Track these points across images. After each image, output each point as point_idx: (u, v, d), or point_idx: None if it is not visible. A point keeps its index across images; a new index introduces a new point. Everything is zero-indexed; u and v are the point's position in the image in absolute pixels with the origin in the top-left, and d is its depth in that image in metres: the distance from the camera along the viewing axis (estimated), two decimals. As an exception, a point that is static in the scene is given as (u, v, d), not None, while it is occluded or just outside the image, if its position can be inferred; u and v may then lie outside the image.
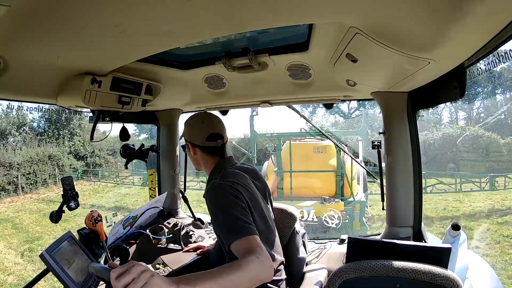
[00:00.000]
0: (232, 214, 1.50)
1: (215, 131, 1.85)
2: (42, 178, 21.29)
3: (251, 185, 1.78)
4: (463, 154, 22.10)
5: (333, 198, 8.74)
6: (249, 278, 1.23)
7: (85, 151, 25.97)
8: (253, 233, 1.45)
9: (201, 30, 1.33)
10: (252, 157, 11.72)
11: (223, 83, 2.28)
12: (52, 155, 22.99)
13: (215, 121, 1.90)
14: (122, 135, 2.48)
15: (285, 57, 1.92)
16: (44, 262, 1.52)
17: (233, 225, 1.47)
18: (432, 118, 27.45)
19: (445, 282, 1.45)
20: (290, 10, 1.15)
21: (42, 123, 27.18)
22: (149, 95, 2.21)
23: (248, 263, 1.26)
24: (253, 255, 1.30)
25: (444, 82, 1.66)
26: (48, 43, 1.31)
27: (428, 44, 1.22)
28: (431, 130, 25.23)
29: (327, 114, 32.06)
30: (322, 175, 9.05)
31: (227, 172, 1.77)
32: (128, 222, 2.32)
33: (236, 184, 1.66)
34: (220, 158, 1.88)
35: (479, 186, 15.27)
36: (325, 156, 9.21)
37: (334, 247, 2.49)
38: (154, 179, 3.17)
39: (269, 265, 1.33)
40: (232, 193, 1.60)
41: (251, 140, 11.95)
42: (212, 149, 1.86)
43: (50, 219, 1.99)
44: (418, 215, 2.16)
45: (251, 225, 1.49)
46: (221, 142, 1.86)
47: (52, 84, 1.71)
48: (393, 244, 1.66)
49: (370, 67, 1.70)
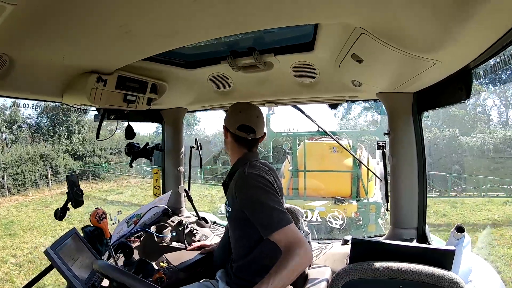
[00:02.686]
0: (267, 205, 1.57)
1: (248, 123, 1.85)
2: (32, 179, 19.60)
3: (277, 179, 1.84)
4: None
5: (347, 199, 8.55)
6: (297, 271, 1.42)
7: (84, 150, 24.01)
8: (289, 221, 1.53)
9: (206, 30, 1.33)
10: (269, 155, 11.67)
11: (228, 82, 2.28)
12: (44, 154, 21.21)
13: (253, 115, 1.89)
14: (127, 133, 2.49)
15: (290, 57, 1.91)
16: (48, 259, 1.53)
17: (270, 217, 1.54)
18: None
19: (449, 285, 1.44)
20: (295, 10, 1.15)
21: (37, 119, 25.02)
22: (154, 94, 2.22)
23: (294, 257, 1.41)
24: (296, 248, 1.44)
25: (450, 83, 1.65)
26: (54, 42, 1.32)
27: (434, 44, 1.21)
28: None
29: (364, 111, 30.01)
30: (337, 175, 8.82)
31: (255, 164, 1.79)
32: (132, 220, 2.33)
33: (265, 174, 1.71)
34: (248, 151, 1.89)
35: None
36: (341, 156, 8.94)
37: (337, 248, 2.48)
38: (158, 177, 3.18)
39: (309, 251, 1.48)
40: (263, 182, 1.65)
41: (268, 139, 11.87)
42: (241, 140, 1.87)
43: (55, 216, 2.01)
44: (423, 217, 2.15)
45: (286, 213, 1.57)
46: (252, 136, 1.85)
47: (57, 82, 1.73)
48: (396, 245, 1.65)
49: (375, 67, 1.69)
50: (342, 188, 8.79)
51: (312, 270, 2.16)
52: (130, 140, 2.55)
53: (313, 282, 2.01)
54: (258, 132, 1.87)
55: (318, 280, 2.02)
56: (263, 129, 1.92)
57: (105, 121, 2.33)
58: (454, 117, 22.28)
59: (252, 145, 1.89)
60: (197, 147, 2.96)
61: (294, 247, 1.43)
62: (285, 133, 11.75)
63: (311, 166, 9.08)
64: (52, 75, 1.65)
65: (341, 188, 8.79)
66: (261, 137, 1.91)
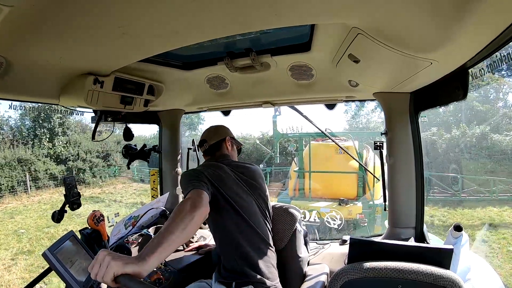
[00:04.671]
0: (189, 181, 1.75)
1: (201, 138, 2.23)
2: (9, 185, 18.01)
3: (223, 171, 1.95)
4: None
5: (352, 200, 8.45)
6: (180, 223, 1.41)
7: (67, 154, 21.93)
8: (196, 187, 1.68)
9: (204, 31, 1.33)
10: (275, 156, 11.62)
11: (226, 83, 2.28)
12: (23, 159, 19.45)
13: (206, 131, 2.25)
14: (125, 135, 2.49)
15: (287, 57, 1.92)
16: (46, 261, 1.53)
17: (187, 186, 1.71)
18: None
19: (447, 284, 1.44)
20: (293, 10, 1.15)
21: (15, 121, 22.72)
22: (151, 96, 2.22)
23: (177, 209, 1.49)
24: (183, 201, 1.55)
25: (446, 83, 1.65)
26: (50, 44, 1.32)
27: (431, 44, 1.22)
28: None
29: (378, 107, 28.50)
30: (344, 177, 8.73)
31: (206, 164, 2.06)
32: (130, 222, 2.32)
33: (203, 168, 1.91)
34: (211, 157, 2.18)
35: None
36: (347, 157, 8.67)
37: (336, 248, 2.49)
38: (156, 179, 3.17)
39: (192, 201, 1.56)
40: (192, 174, 1.83)
41: (274, 140, 11.71)
42: (204, 152, 2.22)
43: (52, 218, 2.00)
44: (420, 216, 2.16)
45: (196, 185, 1.70)
46: (207, 145, 2.17)
47: (54, 84, 1.72)
48: (395, 245, 1.66)
49: (372, 67, 1.70)
50: (349, 190, 8.72)
51: (310, 270, 2.16)
52: (128, 141, 2.54)
53: (311, 282, 2.02)
54: (210, 141, 2.17)
55: (316, 280, 2.02)
56: (216, 136, 2.19)
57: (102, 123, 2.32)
58: (478, 113, 19.55)
59: (210, 151, 2.18)
60: (194, 148, 2.96)
61: (183, 201, 1.56)
62: (291, 134, 11.65)
63: (317, 167, 9.01)
64: (49, 77, 1.65)
65: (347, 189, 8.71)
66: (216, 142, 2.17)
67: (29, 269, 9.20)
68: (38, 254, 9.86)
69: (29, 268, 9.25)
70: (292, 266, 2.06)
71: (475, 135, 17.29)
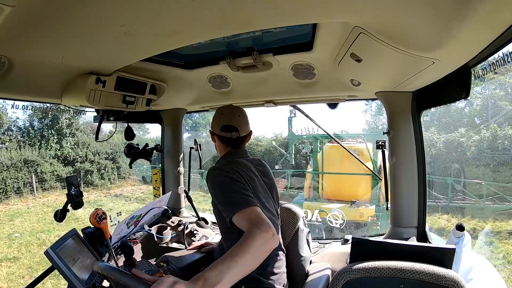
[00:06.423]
0: (231, 189, 1.58)
1: (230, 123, 1.94)
2: (15, 187, 17.57)
3: (253, 173, 1.84)
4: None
5: (364, 202, 8.38)
6: (258, 254, 1.24)
7: (75, 155, 21.30)
8: (253, 204, 1.49)
9: (206, 30, 1.33)
10: (290, 158, 11.55)
11: (228, 82, 2.28)
12: (29, 160, 18.94)
13: (234, 114, 1.98)
14: (127, 134, 2.49)
15: (289, 56, 1.92)
16: (49, 259, 1.53)
17: (233, 199, 1.53)
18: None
19: (449, 283, 1.44)
20: (295, 9, 1.15)
21: (23, 122, 22.13)
22: (153, 95, 2.22)
23: (252, 239, 1.26)
24: (256, 228, 1.31)
25: (449, 82, 1.65)
26: (52, 43, 1.32)
27: (433, 43, 1.22)
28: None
29: None
30: (358, 178, 8.61)
31: (231, 161, 1.87)
32: (132, 221, 2.33)
33: (235, 169, 1.74)
34: (232, 148, 1.98)
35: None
36: (361, 159, 8.71)
37: (338, 247, 2.48)
38: (158, 178, 3.18)
39: (272, 233, 1.32)
40: (229, 175, 1.68)
41: (289, 141, 11.69)
42: (226, 139, 1.96)
43: (55, 217, 2.01)
44: (423, 216, 2.15)
45: (252, 198, 1.55)
46: (236, 135, 1.94)
47: (56, 84, 1.73)
48: (397, 244, 1.65)
49: (374, 66, 1.69)
50: (363, 192, 8.69)
51: (312, 269, 2.16)
52: (130, 141, 2.55)
53: (313, 281, 2.01)
54: (242, 130, 1.95)
55: (318, 280, 2.02)
56: (248, 127, 2.01)
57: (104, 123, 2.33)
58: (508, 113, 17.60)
59: (238, 143, 1.98)
60: (196, 147, 2.96)
61: (254, 228, 1.32)
62: (305, 136, 11.54)
63: (331, 168, 8.97)
64: (51, 77, 1.66)
65: (361, 191, 8.68)
66: (246, 135, 1.99)
67: (9, 277, 8.46)
68: (22, 262, 9.31)
69: (9, 277, 8.49)
70: (294, 265, 2.06)
71: (507, 137, 15.54)
